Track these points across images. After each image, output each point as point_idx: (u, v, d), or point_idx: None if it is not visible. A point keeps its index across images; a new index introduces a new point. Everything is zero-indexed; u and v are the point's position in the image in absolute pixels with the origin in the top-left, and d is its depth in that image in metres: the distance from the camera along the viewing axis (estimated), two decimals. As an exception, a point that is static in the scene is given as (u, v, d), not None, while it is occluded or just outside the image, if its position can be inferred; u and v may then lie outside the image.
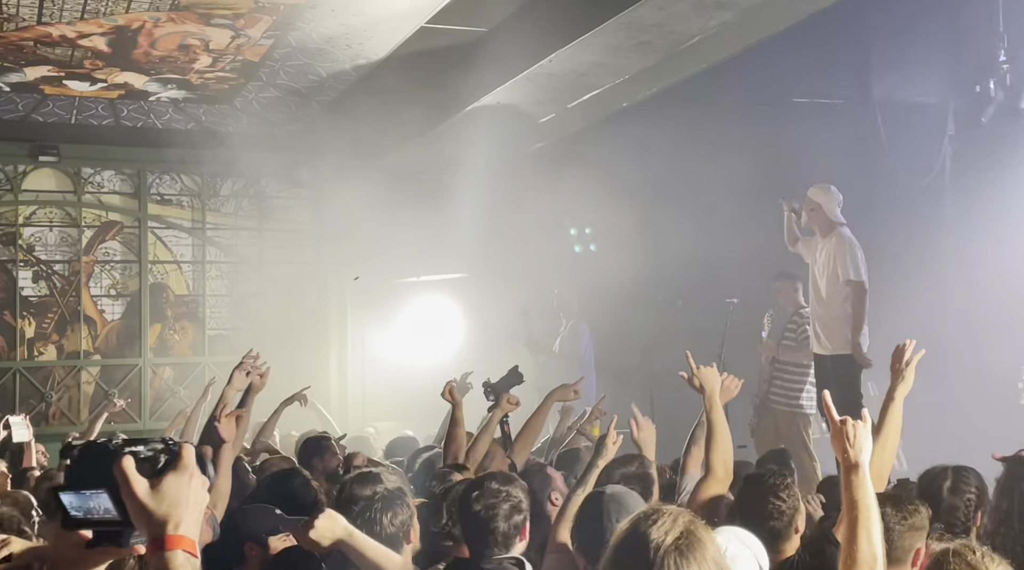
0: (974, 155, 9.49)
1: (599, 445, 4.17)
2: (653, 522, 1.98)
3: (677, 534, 1.95)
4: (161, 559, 1.48)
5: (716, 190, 9.59)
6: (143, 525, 1.52)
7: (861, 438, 2.66)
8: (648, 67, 7.61)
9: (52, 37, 7.87)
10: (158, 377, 11.09)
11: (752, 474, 3.82)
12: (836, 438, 2.69)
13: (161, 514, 1.50)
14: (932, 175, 10.14)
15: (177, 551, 1.49)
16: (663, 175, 10.09)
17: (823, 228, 7.14)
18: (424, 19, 7.52)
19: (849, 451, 2.65)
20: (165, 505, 1.51)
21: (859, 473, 2.63)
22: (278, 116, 10.16)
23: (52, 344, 10.78)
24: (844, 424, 2.67)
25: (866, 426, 2.70)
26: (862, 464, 2.64)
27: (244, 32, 7.88)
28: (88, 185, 10.95)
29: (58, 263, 10.84)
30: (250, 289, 11.43)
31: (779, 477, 3.59)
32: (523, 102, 8.56)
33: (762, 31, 7.23)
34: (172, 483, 1.52)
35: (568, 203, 10.65)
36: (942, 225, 9.87)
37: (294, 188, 11.55)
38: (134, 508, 1.51)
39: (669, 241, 9.83)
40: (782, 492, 3.50)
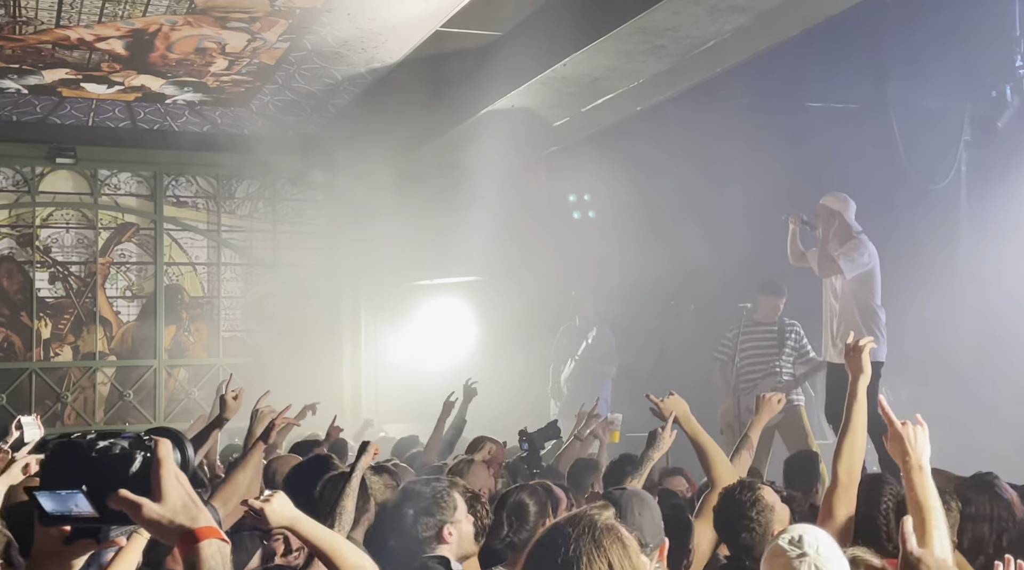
0: (990, 160, 9.45)
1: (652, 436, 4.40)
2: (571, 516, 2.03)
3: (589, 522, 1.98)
4: (195, 553, 1.50)
5: (730, 194, 9.59)
6: (168, 536, 1.52)
7: (921, 441, 2.68)
8: (662, 71, 7.61)
9: (70, 40, 7.93)
10: (173, 378, 11.15)
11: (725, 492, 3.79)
12: (896, 442, 2.68)
13: (179, 519, 1.52)
14: (947, 180, 10.10)
15: (210, 541, 1.51)
16: (677, 178, 10.08)
17: (842, 236, 7.01)
18: (439, 23, 7.54)
19: (911, 453, 2.65)
20: (176, 508, 1.52)
21: (922, 475, 2.63)
22: (293, 119, 10.21)
23: (68, 345, 10.85)
24: (905, 427, 2.68)
25: (924, 430, 2.71)
26: (924, 466, 2.64)
27: (260, 35, 7.92)
28: (105, 187, 11.02)
29: (74, 264, 10.91)
30: (264, 291, 11.47)
31: (747, 491, 3.59)
32: (537, 106, 8.57)
33: (777, 35, 7.22)
34: (168, 485, 1.53)
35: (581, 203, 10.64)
36: (957, 230, 9.84)
37: (309, 190, 11.59)
38: (152, 528, 1.52)
39: (683, 244, 9.82)
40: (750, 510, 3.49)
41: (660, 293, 9.63)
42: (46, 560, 1.64)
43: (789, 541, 2.65)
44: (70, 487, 1.53)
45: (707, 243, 9.76)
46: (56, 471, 1.55)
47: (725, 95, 9.19)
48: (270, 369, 10.80)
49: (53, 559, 1.64)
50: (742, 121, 9.47)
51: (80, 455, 1.54)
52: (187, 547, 1.51)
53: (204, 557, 1.49)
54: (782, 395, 4.75)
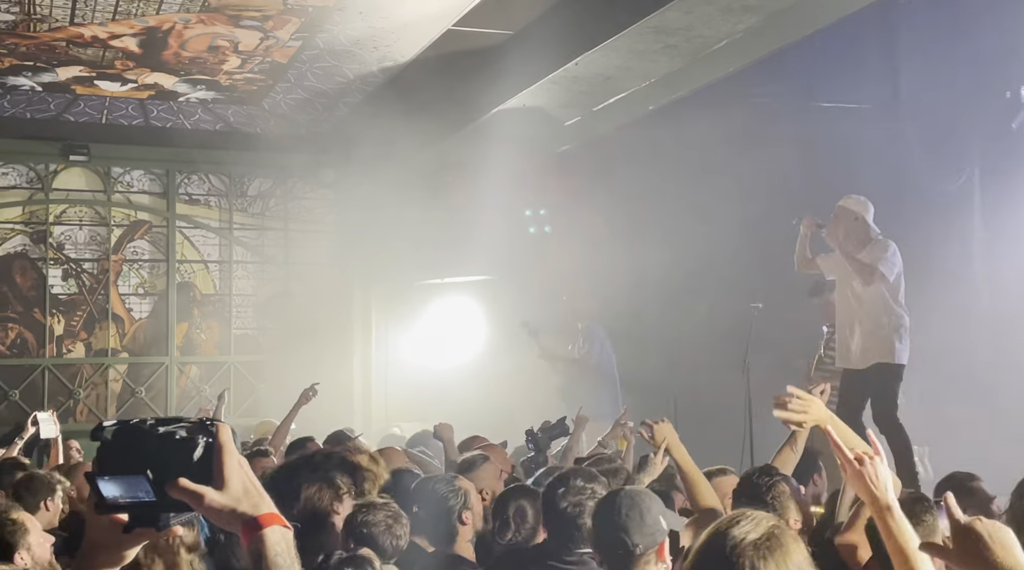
0: (1003, 161, 9.39)
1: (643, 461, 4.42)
2: (736, 523, 1.95)
3: (759, 535, 1.90)
4: (259, 540, 1.47)
5: (741, 194, 9.56)
6: (231, 522, 1.49)
7: (883, 475, 2.37)
8: (674, 71, 7.60)
9: (84, 38, 7.97)
10: (184, 375, 11.19)
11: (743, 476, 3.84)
12: (857, 481, 2.39)
13: (241, 506, 1.49)
14: (961, 181, 10.05)
15: (274, 527, 1.48)
16: (688, 178, 10.07)
17: (862, 239, 6.85)
18: (451, 22, 7.55)
19: (876, 494, 2.35)
20: (239, 496, 1.49)
21: (893, 514, 2.33)
22: (305, 117, 10.23)
23: (80, 342, 10.90)
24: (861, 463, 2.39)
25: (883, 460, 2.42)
26: (893, 505, 2.34)
27: (273, 34, 7.95)
28: (117, 184, 11.07)
29: (87, 261, 10.96)
30: (276, 289, 11.51)
31: (765, 477, 3.61)
32: (549, 105, 8.57)
33: (789, 35, 7.20)
34: (231, 472, 1.50)
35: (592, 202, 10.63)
36: (971, 231, 9.78)
37: (320, 189, 11.62)
38: (213, 515, 1.49)
39: (694, 243, 9.80)
40: (766, 495, 3.52)
41: (668, 295, 9.61)
42: (100, 551, 1.59)
43: None
44: (132, 473, 1.49)
45: (716, 243, 9.74)
46: (116, 456, 1.51)
47: (737, 95, 9.16)
48: (281, 367, 10.85)
49: (107, 550, 1.59)
50: (753, 121, 9.44)
51: (141, 440, 1.50)
52: (250, 534, 1.48)
53: (270, 544, 1.46)
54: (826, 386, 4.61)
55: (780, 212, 9.85)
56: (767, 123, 9.50)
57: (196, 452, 1.50)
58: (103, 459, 1.52)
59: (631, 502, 3.00)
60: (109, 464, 1.51)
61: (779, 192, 9.57)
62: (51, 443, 7.34)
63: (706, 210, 10.02)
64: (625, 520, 2.92)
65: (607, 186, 10.41)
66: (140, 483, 1.49)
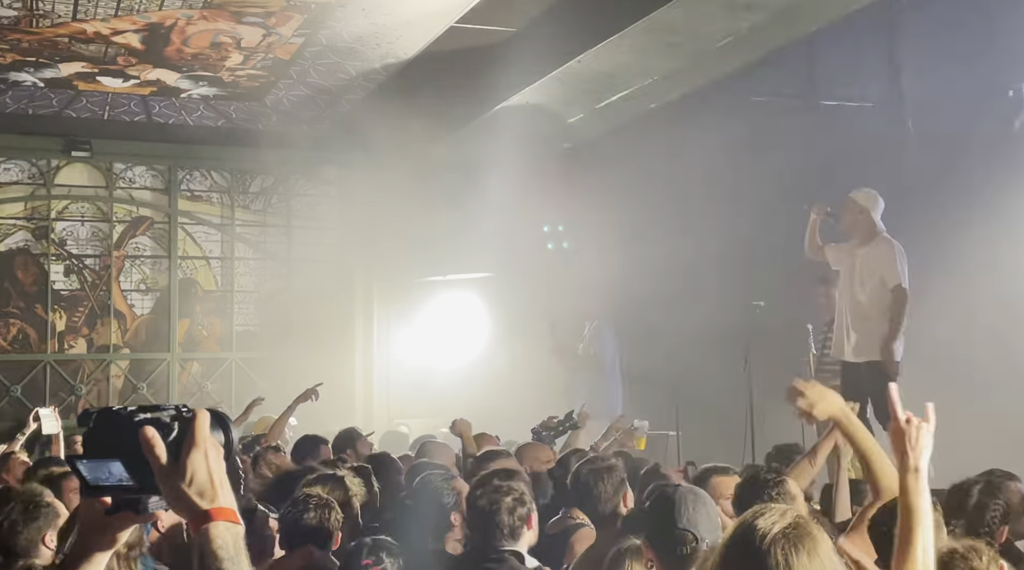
0: (1006, 159, 9.38)
1: None
2: (760, 514, 1.96)
3: (785, 525, 1.92)
4: (204, 534, 1.49)
5: (745, 192, 9.56)
6: (182, 509, 1.53)
7: (924, 441, 2.48)
8: (677, 69, 7.60)
9: (86, 33, 7.97)
10: (186, 372, 11.19)
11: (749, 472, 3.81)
12: (896, 437, 2.49)
13: (195, 496, 1.51)
14: (964, 179, 10.04)
15: (217, 523, 1.50)
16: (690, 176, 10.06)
17: (866, 234, 6.87)
18: (454, 19, 7.55)
19: (909, 454, 2.46)
20: (198, 483, 1.51)
21: (918, 478, 2.44)
22: (308, 114, 10.23)
23: (82, 337, 10.90)
24: (909, 424, 2.49)
25: (930, 428, 2.52)
26: (921, 469, 2.45)
27: (275, 30, 7.94)
28: (120, 181, 11.07)
29: (89, 257, 10.96)
30: (278, 286, 11.51)
31: (772, 473, 3.59)
32: (551, 102, 8.57)
33: (792, 33, 7.21)
34: (194, 460, 1.52)
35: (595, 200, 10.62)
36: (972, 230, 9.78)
37: (322, 186, 11.62)
38: (171, 495, 1.53)
39: (696, 241, 9.79)
40: (772, 490, 3.48)
41: (671, 290, 9.60)
42: (91, 533, 1.64)
43: None
44: (110, 457, 1.54)
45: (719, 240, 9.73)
46: (97, 440, 1.56)
47: (739, 93, 9.16)
48: (282, 363, 10.84)
49: (97, 532, 1.63)
50: (755, 119, 9.43)
51: (121, 425, 1.55)
52: (197, 526, 1.50)
53: (213, 537, 1.49)
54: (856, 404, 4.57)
55: (782, 210, 9.84)
56: (769, 121, 9.49)
57: (170, 436, 1.54)
58: (86, 443, 1.57)
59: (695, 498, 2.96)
60: (90, 448, 1.56)
61: (781, 190, 9.56)
62: (52, 439, 7.34)
63: (709, 206, 10.01)
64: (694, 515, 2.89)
65: (610, 184, 10.40)
66: (117, 467, 1.54)
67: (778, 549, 1.87)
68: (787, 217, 9.76)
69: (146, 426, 1.52)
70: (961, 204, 9.87)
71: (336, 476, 4.30)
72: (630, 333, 9.85)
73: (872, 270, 6.81)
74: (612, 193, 10.44)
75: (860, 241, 6.88)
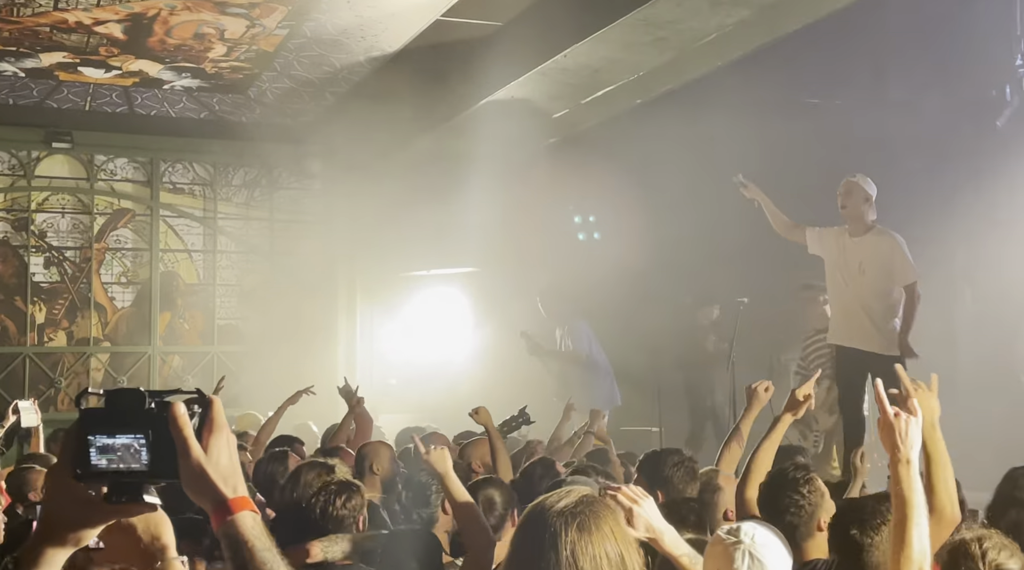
0: (988, 160, 9.43)
1: None
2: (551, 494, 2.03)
3: (571, 502, 1.96)
4: (231, 525, 1.41)
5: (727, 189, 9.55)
6: (206, 497, 1.42)
7: (913, 434, 2.55)
8: (663, 64, 7.60)
9: (68, 23, 7.89)
10: (167, 365, 11.12)
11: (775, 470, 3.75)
12: (886, 431, 2.56)
13: (220, 483, 1.42)
14: (946, 179, 10.09)
15: (245, 513, 1.42)
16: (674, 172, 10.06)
17: (863, 223, 6.65)
18: (439, 12, 7.52)
19: (900, 446, 2.53)
20: (222, 471, 1.43)
21: (909, 470, 2.53)
22: (291, 107, 10.17)
23: (62, 330, 10.82)
24: (897, 418, 2.57)
25: (918, 421, 2.59)
26: (912, 460, 2.53)
27: (259, 22, 7.89)
28: (101, 172, 10.98)
29: (69, 249, 10.87)
30: (260, 279, 11.44)
31: (801, 470, 3.51)
32: (537, 97, 8.55)
33: (778, 29, 7.21)
34: (217, 444, 1.43)
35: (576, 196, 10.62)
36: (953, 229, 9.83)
37: (305, 179, 11.56)
38: (194, 483, 1.42)
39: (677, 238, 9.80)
40: (802, 487, 3.40)
41: (651, 287, 9.61)
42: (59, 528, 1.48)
43: (727, 531, 2.82)
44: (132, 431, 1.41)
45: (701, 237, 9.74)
46: (112, 418, 1.43)
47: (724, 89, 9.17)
48: (264, 357, 10.79)
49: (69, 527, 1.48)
50: (740, 117, 9.44)
51: (138, 404, 1.44)
52: (223, 516, 1.42)
53: (246, 528, 1.41)
54: (768, 383, 4.61)
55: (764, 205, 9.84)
56: (753, 119, 9.50)
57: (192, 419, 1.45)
58: (97, 420, 1.43)
59: None
60: (105, 424, 1.43)
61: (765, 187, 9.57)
62: (32, 432, 7.27)
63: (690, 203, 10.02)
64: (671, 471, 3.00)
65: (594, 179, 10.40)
66: (138, 442, 1.42)
67: (561, 522, 1.92)
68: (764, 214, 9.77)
69: (177, 403, 1.43)
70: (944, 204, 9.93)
71: (327, 464, 4.30)
72: (612, 330, 9.83)
73: (873, 262, 6.60)
74: (595, 188, 10.45)
75: (854, 230, 6.68)
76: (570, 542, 1.89)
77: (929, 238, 9.59)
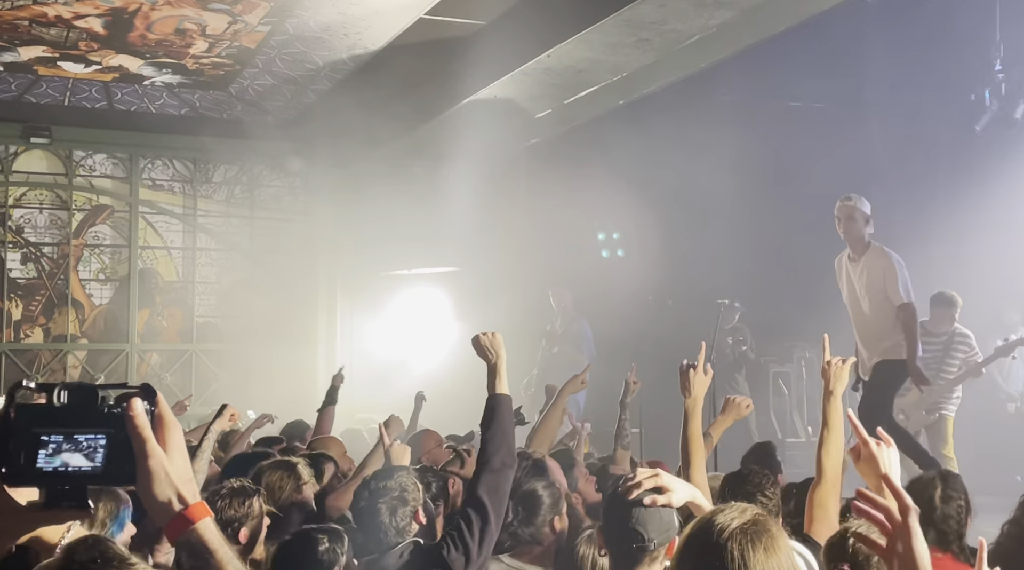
0: (967, 164, 9.51)
1: None
2: (721, 511, 1.99)
3: (744, 521, 1.93)
4: (194, 533, 1.30)
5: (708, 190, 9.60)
6: (163, 506, 1.29)
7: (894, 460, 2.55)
8: (646, 65, 7.61)
9: (48, 17, 7.82)
10: (145, 363, 11.04)
11: (734, 472, 3.78)
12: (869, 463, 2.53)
13: (180, 484, 1.30)
14: (925, 182, 10.16)
15: (207, 520, 1.32)
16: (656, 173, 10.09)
17: (863, 245, 6.60)
18: (423, 10, 7.50)
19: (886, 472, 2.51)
20: (179, 472, 1.30)
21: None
22: (273, 104, 10.12)
23: (39, 327, 10.72)
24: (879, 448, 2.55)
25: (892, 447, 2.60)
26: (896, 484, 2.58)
27: (241, 18, 7.84)
28: (79, 168, 10.89)
29: (47, 245, 10.78)
30: (240, 277, 11.38)
31: (761, 475, 3.56)
32: (520, 97, 8.55)
33: (761, 32, 7.24)
34: (173, 445, 1.31)
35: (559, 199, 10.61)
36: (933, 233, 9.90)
37: (287, 177, 11.51)
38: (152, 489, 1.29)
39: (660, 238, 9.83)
40: (767, 491, 3.45)
41: (637, 290, 9.62)
42: None
43: None
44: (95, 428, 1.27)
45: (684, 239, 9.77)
46: (65, 415, 1.28)
47: (706, 92, 9.20)
48: (244, 356, 10.74)
49: None
50: (722, 118, 9.48)
51: (92, 400, 1.30)
52: (185, 525, 1.31)
53: (210, 535, 1.32)
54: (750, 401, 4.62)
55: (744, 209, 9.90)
56: (733, 121, 9.54)
57: None
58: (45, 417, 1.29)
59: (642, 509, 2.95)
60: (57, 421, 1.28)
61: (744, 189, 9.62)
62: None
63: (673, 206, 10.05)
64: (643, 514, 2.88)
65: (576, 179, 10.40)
66: (98, 442, 1.27)
67: (735, 544, 1.88)
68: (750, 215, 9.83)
69: (134, 399, 1.28)
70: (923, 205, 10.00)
71: (289, 462, 4.21)
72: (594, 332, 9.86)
73: (872, 284, 6.57)
74: (578, 188, 10.45)
75: (854, 253, 6.65)
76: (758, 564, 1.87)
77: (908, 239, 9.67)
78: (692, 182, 9.80)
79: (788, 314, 9.86)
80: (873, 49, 10.21)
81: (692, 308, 9.04)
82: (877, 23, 9.73)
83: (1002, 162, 8.99)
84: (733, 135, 9.52)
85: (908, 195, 10.09)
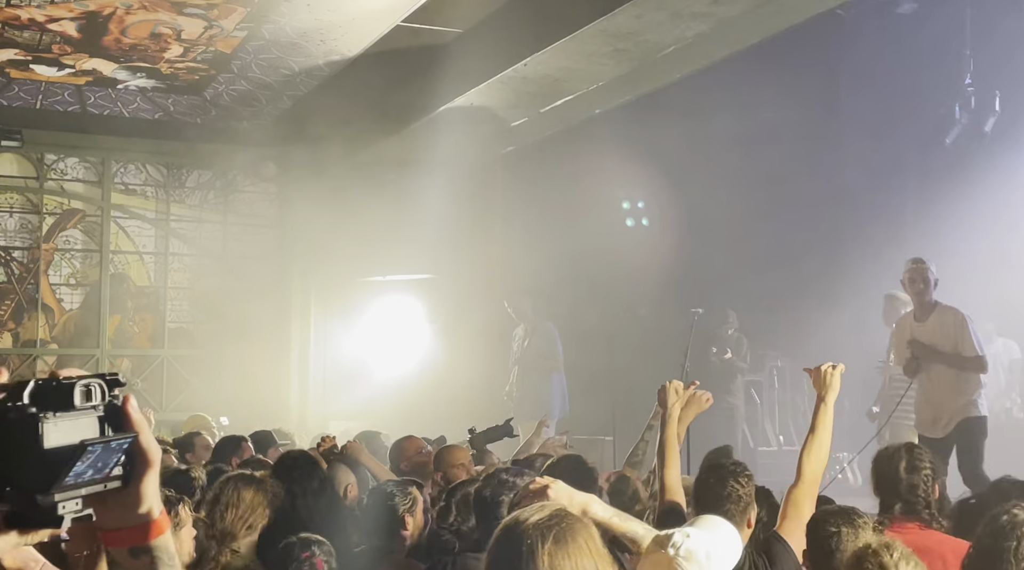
0: (937, 176, 9.62)
1: None
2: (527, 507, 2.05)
3: (543, 517, 1.97)
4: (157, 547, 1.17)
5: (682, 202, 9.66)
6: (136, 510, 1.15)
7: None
8: (622, 75, 7.65)
9: (21, 20, 7.76)
10: (115, 369, 10.93)
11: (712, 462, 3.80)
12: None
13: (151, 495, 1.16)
14: (895, 195, 10.27)
15: (166, 533, 1.19)
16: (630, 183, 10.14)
17: (931, 305, 6.47)
18: (400, 17, 7.51)
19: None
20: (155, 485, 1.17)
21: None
22: (248, 109, 10.09)
23: (8, 332, 10.60)
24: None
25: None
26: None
27: (217, 23, 7.82)
28: (51, 172, 10.79)
29: (17, 249, 10.66)
30: (212, 283, 11.31)
31: (739, 465, 3.60)
32: (496, 105, 8.57)
33: (736, 43, 7.31)
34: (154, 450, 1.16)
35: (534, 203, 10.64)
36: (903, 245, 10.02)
37: (261, 182, 11.46)
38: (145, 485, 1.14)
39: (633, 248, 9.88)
40: (741, 478, 3.48)
41: (611, 299, 9.66)
42: None
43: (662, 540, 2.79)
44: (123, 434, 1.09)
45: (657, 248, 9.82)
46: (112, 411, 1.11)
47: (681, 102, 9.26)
48: (216, 362, 10.67)
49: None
50: (695, 129, 9.55)
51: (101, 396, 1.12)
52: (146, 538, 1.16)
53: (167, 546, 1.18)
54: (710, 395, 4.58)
55: (721, 218, 9.97)
56: (708, 131, 9.61)
57: None
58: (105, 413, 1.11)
59: None
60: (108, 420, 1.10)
61: (719, 198, 9.69)
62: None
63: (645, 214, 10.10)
64: None
65: (552, 187, 10.44)
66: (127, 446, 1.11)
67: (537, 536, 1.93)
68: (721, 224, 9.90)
69: (129, 395, 1.13)
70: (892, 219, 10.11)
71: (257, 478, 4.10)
72: (565, 338, 9.87)
73: (945, 343, 6.43)
74: (553, 196, 10.49)
75: (920, 314, 6.54)
76: (547, 555, 1.90)
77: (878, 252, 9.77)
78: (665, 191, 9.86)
79: (760, 323, 9.95)
80: (845, 62, 10.32)
81: (665, 317, 9.08)
82: (849, 36, 9.84)
83: (972, 175, 9.10)
84: (705, 146, 9.59)
85: (878, 207, 10.21)
